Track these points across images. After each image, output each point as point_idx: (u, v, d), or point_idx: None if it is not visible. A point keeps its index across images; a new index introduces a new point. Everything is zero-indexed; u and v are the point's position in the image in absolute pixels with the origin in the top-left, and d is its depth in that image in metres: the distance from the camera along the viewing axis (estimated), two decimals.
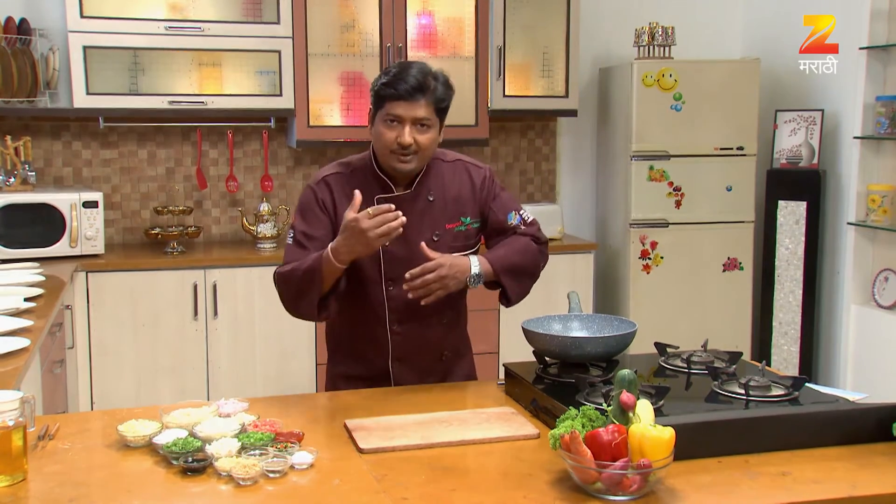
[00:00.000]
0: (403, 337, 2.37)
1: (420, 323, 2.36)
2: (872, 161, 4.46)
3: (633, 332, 2.23)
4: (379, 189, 2.33)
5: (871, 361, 4.44)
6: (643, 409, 1.66)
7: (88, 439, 1.91)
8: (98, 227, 4.13)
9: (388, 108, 2.24)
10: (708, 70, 4.79)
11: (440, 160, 2.40)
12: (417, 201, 2.33)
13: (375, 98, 2.29)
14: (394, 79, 2.23)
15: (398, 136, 2.23)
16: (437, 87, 2.26)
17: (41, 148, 4.52)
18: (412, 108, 2.22)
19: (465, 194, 2.39)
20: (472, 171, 2.42)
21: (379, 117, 2.27)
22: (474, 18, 4.64)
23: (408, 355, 2.39)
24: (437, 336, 2.41)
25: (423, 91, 2.22)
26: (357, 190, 2.18)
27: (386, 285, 2.33)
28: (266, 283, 4.26)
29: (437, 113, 2.27)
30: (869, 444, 1.85)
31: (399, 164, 2.27)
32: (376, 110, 2.29)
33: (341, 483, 1.69)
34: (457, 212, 2.37)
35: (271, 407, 2.15)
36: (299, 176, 4.89)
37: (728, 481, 1.68)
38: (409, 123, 2.23)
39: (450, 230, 2.36)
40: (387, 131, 2.25)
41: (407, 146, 2.23)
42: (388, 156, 2.27)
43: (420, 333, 2.38)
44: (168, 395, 4.14)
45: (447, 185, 2.37)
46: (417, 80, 2.22)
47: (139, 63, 4.29)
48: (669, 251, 4.81)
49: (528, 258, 2.40)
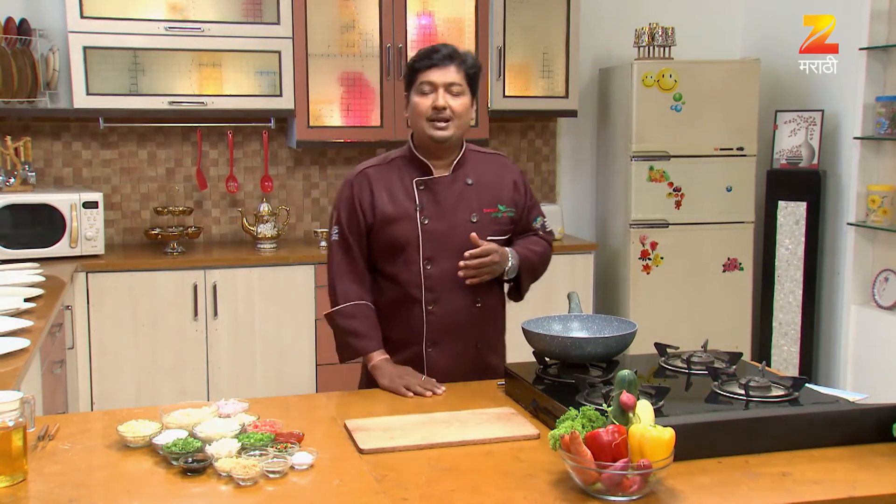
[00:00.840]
0: (438, 318, 2.42)
1: (455, 305, 2.42)
2: (872, 161, 4.46)
3: (633, 333, 2.23)
4: (419, 173, 2.43)
5: (871, 362, 4.44)
6: (643, 409, 1.66)
7: (88, 440, 1.91)
8: (98, 228, 4.13)
9: (421, 77, 2.36)
10: (708, 70, 4.79)
11: (478, 152, 2.52)
12: (456, 184, 2.43)
13: (409, 73, 2.41)
14: (425, 52, 2.39)
15: (433, 102, 2.34)
16: (467, 57, 2.40)
17: (41, 148, 4.52)
18: (444, 74, 2.34)
19: (503, 184, 2.49)
20: (509, 166, 2.55)
21: (414, 91, 2.39)
22: (474, 19, 4.65)
23: (442, 338, 2.43)
24: (472, 321, 2.45)
25: (454, 59, 2.36)
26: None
27: (424, 264, 2.39)
28: (266, 284, 4.29)
29: (467, 81, 2.38)
30: (869, 445, 1.85)
31: (436, 130, 2.35)
32: (410, 87, 2.41)
33: (341, 483, 1.69)
34: (494, 198, 2.46)
35: (271, 407, 2.15)
36: (299, 176, 4.89)
37: (728, 482, 1.68)
38: (443, 88, 2.34)
39: (487, 214, 2.44)
40: (422, 99, 2.36)
41: (442, 108, 2.33)
42: (425, 125, 2.36)
43: (455, 317, 2.43)
44: (168, 395, 4.14)
45: (485, 173, 2.47)
46: (448, 50, 2.37)
47: (139, 63, 4.29)
48: (669, 251, 4.81)
49: (544, 262, 2.57)
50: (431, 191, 2.41)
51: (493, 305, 2.52)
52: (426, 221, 2.38)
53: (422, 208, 2.40)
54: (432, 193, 2.41)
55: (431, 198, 2.41)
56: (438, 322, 2.42)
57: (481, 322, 2.48)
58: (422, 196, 2.41)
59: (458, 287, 2.39)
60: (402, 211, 2.39)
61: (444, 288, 2.40)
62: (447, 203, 2.40)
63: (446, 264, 2.38)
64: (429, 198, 2.41)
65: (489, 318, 2.51)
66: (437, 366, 2.44)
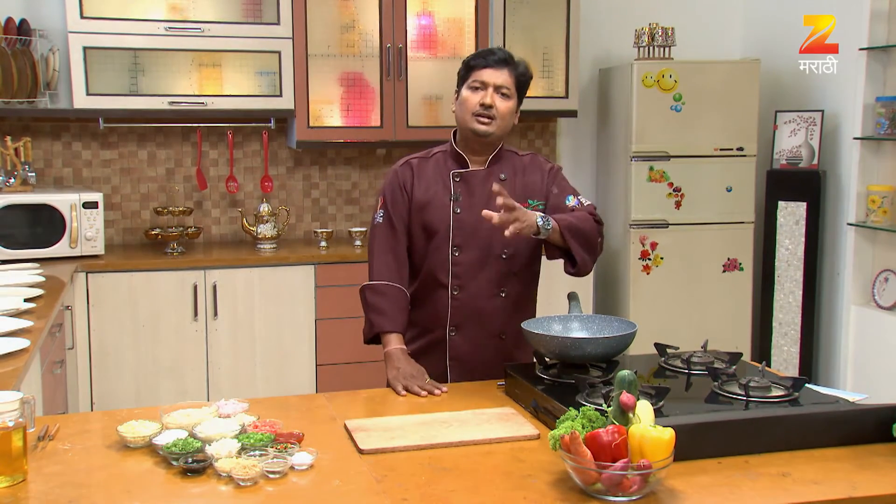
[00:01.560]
0: (463, 304, 2.49)
1: (480, 292, 2.49)
2: (872, 162, 4.46)
3: (632, 333, 2.23)
4: (457, 166, 2.54)
5: (871, 362, 4.44)
6: (643, 409, 1.66)
7: (88, 440, 1.91)
8: (98, 228, 4.13)
9: (474, 75, 2.47)
10: (708, 71, 4.79)
11: (515, 153, 2.59)
12: (490, 178, 2.50)
13: (465, 69, 2.51)
14: (483, 52, 2.51)
15: (482, 98, 2.44)
16: (520, 65, 2.51)
17: (41, 148, 4.52)
18: (496, 76, 2.45)
19: (535, 182, 2.55)
20: (541, 163, 2.60)
21: (465, 86, 2.49)
22: (474, 19, 4.65)
23: (465, 324, 2.50)
24: (496, 310, 2.50)
25: (508, 63, 2.47)
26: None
27: (452, 251, 2.48)
28: (266, 284, 4.29)
29: (517, 87, 2.49)
30: (869, 445, 1.85)
31: (479, 125, 2.45)
32: (463, 83, 2.50)
33: (341, 484, 1.69)
34: (527, 193, 2.52)
35: (271, 408, 2.15)
36: (299, 177, 4.89)
37: (728, 482, 1.68)
38: (493, 88, 2.45)
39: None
40: (472, 95, 2.46)
41: (489, 106, 2.43)
42: (470, 119, 2.46)
43: (480, 303, 2.49)
44: (168, 395, 4.14)
45: (519, 171, 2.55)
46: (504, 54, 2.49)
47: (139, 64, 4.29)
48: (669, 252, 4.81)
49: (589, 226, 2.46)
50: (467, 183, 2.51)
51: (521, 297, 2.55)
52: (458, 211, 2.48)
53: (456, 198, 2.50)
54: (467, 185, 2.51)
55: (466, 189, 2.50)
56: (462, 307, 2.49)
57: (506, 312, 2.51)
58: (457, 187, 2.51)
59: (484, 276, 2.48)
60: (438, 199, 2.51)
61: (469, 275, 2.48)
62: (480, 195, 2.48)
63: (474, 253, 2.47)
64: (463, 189, 2.50)
65: (515, 309, 2.53)
66: (458, 350, 2.51)
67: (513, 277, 2.51)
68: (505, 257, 2.49)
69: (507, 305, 2.52)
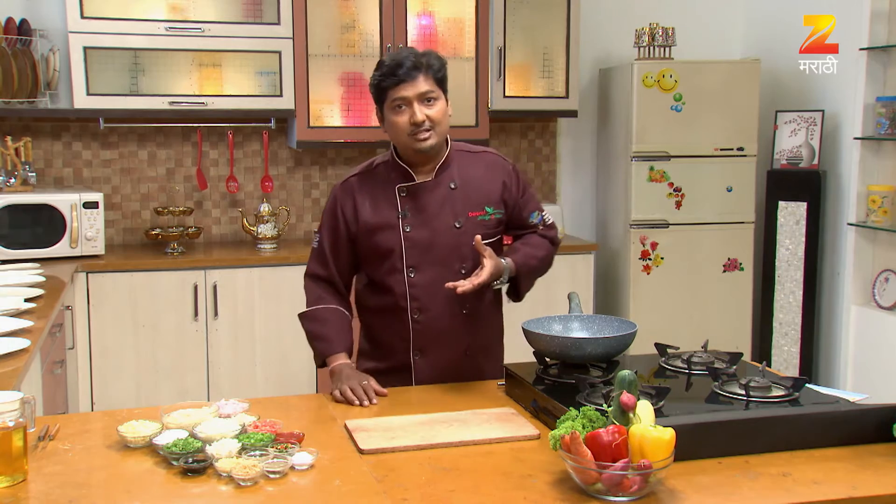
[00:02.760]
0: (425, 327, 2.38)
1: (441, 312, 2.37)
2: (872, 162, 4.46)
3: (633, 333, 2.23)
4: (401, 179, 2.38)
5: (872, 362, 4.44)
6: (643, 409, 1.66)
7: (89, 440, 1.91)
8: (98, 228, 4.13)
9: (391, 95, 2.29)
10: (708, 71, 4.79)
11: (465, 151, 2.45)
12: (439, 189, 2.37)
13: (377, 92, 2.34)
14: (389, 68, 2.29)
15: (410, 117, 2.28)
16: (430, 60, 2.32)
17: (41, 148, 4.52)
18: (414, 86, 2.27)
19: (490, 185, 2.42)
20: (498, 163, 2.47)
21: (387, 109, 2.32)
22: (474, 19, 4.65)
23: (429, 347, 2.40)
24: (460, 328, 2.41)
25: (419, 67, 2.28)
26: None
27: (407, 271, 2.35)
28: (266, 284, 4.29)
29: (438, 84, 2.32)
30: (869, 445, 1.85)
31: (418, 143, 2.30)
32: (382, 104, 2.34)
33: (342, 484, 1.69)
34: (481, 200, 2.40)
35: (272, 408, 2.15)
36: (299, 177, 4.89)
37: (728, 482, 1.68)
38: (416, 101, 2.28)
39: (472, 218, 2.39)
40: (398, 117, 2.30)
41: (420, 123, 2.28)
42: (407, 140, 2.31)
43: (441, 324, 2.38)
44: (168, 395, 4.14)
45: (471, 175, 2.41)
46: (411, 61, 2.28)
47: (139, 64, 4.29)
48: (670, 252, 4.81)
49: (546, 263, 2.49)
50: (414, 197, 2.37)
51: (485, 310, 2.46)
52: (408, 229, 2.34)
53: (404, 216, 2.36)
54: (415, 200, 2.36)
55: (414, 205, 2.36)
56: (424, 330, 2.38)
57: (470, 328, 2.42)
58: (404, 203, 2.37)
59: (444, 295, 2.31)
60: (385, 219, 2.36)
61: (429, 296, 2.35)
62: (430, 209, 2.35)
63: (430, 272, 2.34)
64: (411, 205, 2.36)
65: (479, 323, 2.45)
66: (423, 374, 2.41)
67: (474, 292, 2.31)
68: (464, 272, 2.34)
69: (472, 322, 2.41)
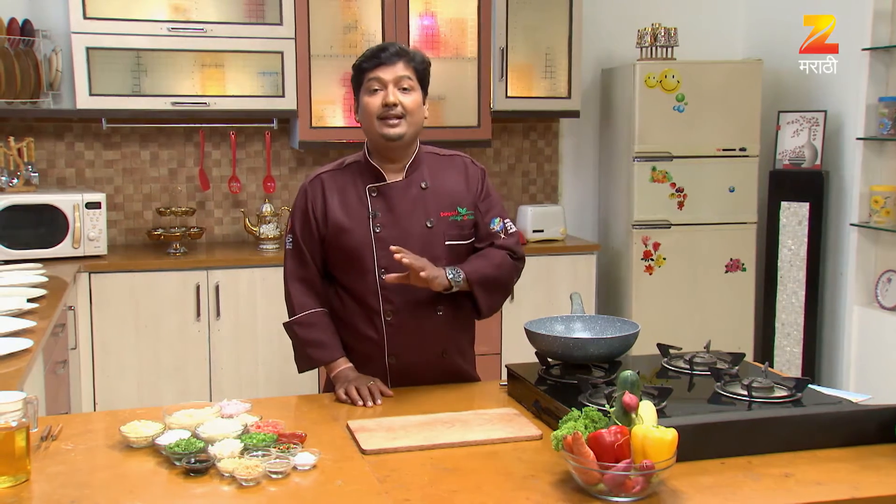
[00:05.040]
0: (398, 329, 2.34)
1: (415, 314, 2.34)
2: (875, 162, 4.45)
3: (635, 334, 2.23)
4: (372, 178, 2.37)
5: (874, 363, 4.44)
6: (646, 410, 1.66)
7: (91, 440, 1.92)
8: (101, 228, 4.13)
9: (369, 76, 2.30)
10: (710, 71, 4.79)
11: (435, 154, 2.44)
12: (410, 189, 2.36)
13: (357, 74, 2.35)
14: (372, 51, 2.32)
15: (384, 99, 2.28)
16: (416, 54, 2.35)
17: (44, 149, 4.52)
18: (393, 70, 2.29)
19: (461, 187, 2.41)
20: (468, 166, 2.45)
21: (363, 91, 2.33)
22: (477, 19, 4.64)
23: (404, 350, 2.36)
24: (435, 329, 2.37)
25: (401, 55, 2.31)
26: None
27: (379, 272, 2.32)
28: (268, 284, 4.29)
29: (417, 77, 2.33)
30: (871, 446, 1.85)
31: (388, 128, 2.29)
32: (359, 88, 2.35)
33: (344, 484, 1.69)
34: (452, 201, 2.38)
35: (274, 408, 2.15)
36: (301, 177, 4.89)
37: (730, 482, 1.68)
38: (392, 84, 2.29)
39: (444, 218, 2.37)
40: (372, 98, 2.30)
41: (393, 105, 2.27)
42: (378, 125, 2.30)
43: (416, 325, 2.34)
44: (170, 396, 4.15)
45: (442, 176, 2.40)
46: (395, 48, 2.32)
47: (142, 64, 4.29)
48: (672, 252, 4.81)
49: (503, 272, 2.39)
50: (385, 197, 2.34)
51: (458, 312, 2.40)
52: (379, 230, 2.31)
53: (374, 216, 2.33)
54: (385, 200, 2.34)
55: (384, 205, 2.34)
56: (398, 333, 2.34)
57: (446, 330, 2.39)
58: (375, 203, 2.34)
59: (417, 296, 2.30)
60: (355, 219, 2.33)
61: (402, 297, 2.32)
62: (401, 209, 2.33)
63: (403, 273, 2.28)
64: (382, 205, 2.34)
65: (454, 325, 2.41)
66: (400, 376, 2.37)
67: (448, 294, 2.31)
68: None
69: (446, 322, 2.37)
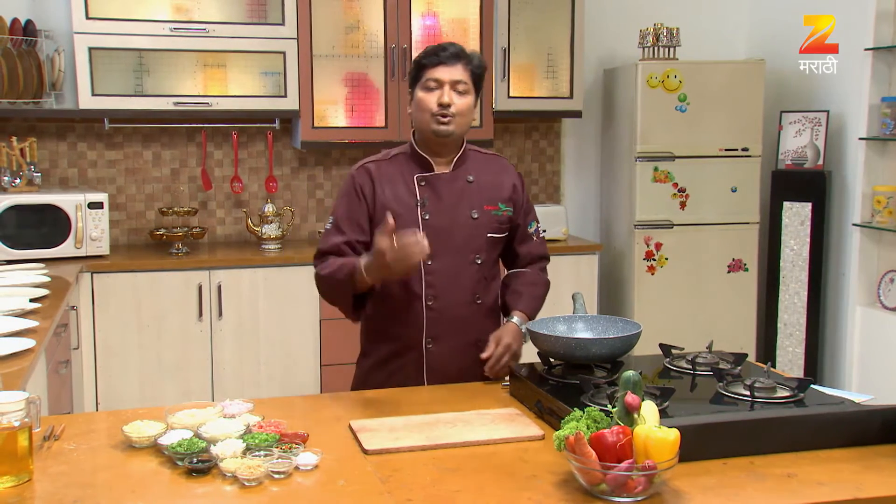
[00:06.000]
0: (438, 314, 2.41)
1: (455, 301, 2.42)
2: (878, 162, 4.45)
3: (637, 334, 2.22)
4: (420, 169, 2.45)
5: (877, 363, 4.43)
6: (648, 410, 1.66)
7: (93, 440, 1.92)
8: (103, 228, 4.14)
9: (428, 74, 2.38)
10: (713, 71, 4.79)
11: (479, 152, 2.54)
12: (457, 181, 2.45)
13: (416, 69, 2.43)
14: (433, 49, 2.41)
15: (438, 98, 2.36)
16: (474, 57, 2.43)
17: (46, 149, 4.53)
18: (451, 72, 2.37)
19: (502, 183, 2.51)
20: (507, 167, 2.57)
21: (419, 87, 2.41)
22: (479, 19, 4.65)
23: (442, 334, 2.42)
24: (472, 317, 2.45)
25: (461, 57, 2.39)
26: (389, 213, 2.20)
27: (424, 259, 2.34)
28: (271, 284, 4.30)
29: (473, 80, 2.41)
30: (874, 446, 1.84)
31: (439, 125, 2.37)
32: (416, 82, 2.42)
33: (346, 484, 1.69)
34: (495, 196, 2.48)
35: (276, 408, 2.15)
36: (304, 177, 4.89)
37: (733, 483, 1.68)
38: (448, 85, 2.37)
39: (487, 212, 2.46)
40: (427, 95, 2.38)
41: (447, 105, 2.36)
42: (429, 120, 2.38)
43: (455, 312, 2.42)
44: (173, 395, 4.15)
45: (486, 173, 2.49)
46: (455, 49, 2.40)
47: (144, 64, 4.30)
48: (674, 252, 4.81)
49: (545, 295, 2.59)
50: (433, 186, 2.43)
51: (494, 303, 2.53)
52: (427, 217, 2.39)
53: (423, 204, 2.41)
54: (434, 189, 2.42)
55: (433, 193, 2.42)
56: (438, 318, 2.41)
57: (481, 319, 2.47)
58: (423, 192, 2.42)
59: (459, 283, 2.41)
60: (404, 205, 2.40)
61: (444, 284, 2.40)
62: (449, 199, 2.42)
63: (446, 260, 2.39)
64: (430, 193, 2.42)
65: (489, 316, 2.51)
66: (435, 361, 2.43)
67: (485, 283, 2.46)
68: (479, 262, 2.43)
69: (482, 312, 2.47)
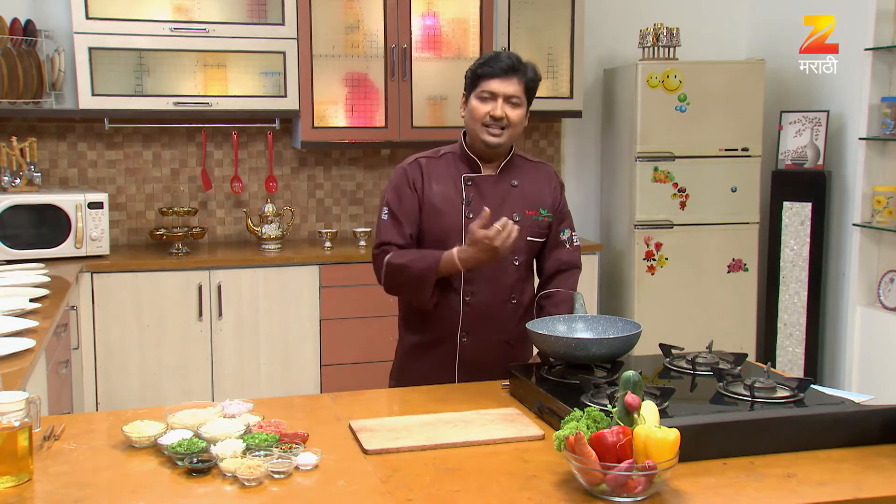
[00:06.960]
0: (474, 309, 2.48)
1: (491, 299, 2.48)
2: (878, 162, 4.45)
3: (637, 334, 2.22)
4: (468, 169, 2.52)
5: (877, 363, 4.43)
6: (648, 410, 1.66)
7: (93, 440, 1.92)
8: (103, 228, 4.14)
9: (482, 85, 2.44)
10: (713, 71, 4.79)
11: (525, 159, 2.61)
12: (502, 184, 2.51)
13: (472, 78, 2.48)
14: (490, 59, 2.45)
15: (492, 110, 2.42)
16: (528, 70, 2.49)
17: (46, 149, 4.53)
18: (505, 85, 2.42)
19: (545, 191, 2.57)
20: (551, 175, 2.63)
21: (474, 95, 2.47)
22: (479, 19, 4.64)
23: (476, 329, 2.49)
24: (507, 316, 2.51)
25: (516, 71, 2.44)
26: (486, 207, 2.32)
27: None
28: (271, 284, 4.30)
29: (526, 93, 2.48)
30: (874, 446, 1.84)
31: (490, 136, 2.44)
32: (471, 91, 2.48)
33: (346, 484, 1.69)
34: (537, 202, 2.55)
35: (276, 408, 2.15)
36: (304, 177, 4.89)
37: (733, 483, 1.68)
38: (502, 98, 2.43)
39: (528, 216, 2.52)
40: (481, 105, 2.44)
41: (500, 118, 2.42)
42: (480, 129, 2.45)
43: (490, 309, 2.49)
44: (173, 395, 4.15)
45: (529, 179, 2.56)
46: (511, 61, 2.44)
47: (144, 64, 4.30)
48: (674, 252, 4.81)
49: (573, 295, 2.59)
50: (478, 187, 2.50)
51: (528, 304, 2.57)
52: (471, 216, 2.45)
53: (468, 203, 2.48)
54: (479, 190, 2.49)
55: (478, 194, 2.49)
56: (474, 313, 2.48)
57: (514, 318, 2.52)
58: (469, 191, 2.49)
59: (497, 282, 2.48)
60: (450, 202, 2.48)
61: (483, 282, 2.47)
62: (493, 201, 2.47)
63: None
64: (476, 193, 2.49)
65: (522, 315, 2.54)
66: (468, 355, 2.50)
67: (521, 284, 2.54)
68: (517, 264, 2.51)
69: (517, 312, 2.53)
